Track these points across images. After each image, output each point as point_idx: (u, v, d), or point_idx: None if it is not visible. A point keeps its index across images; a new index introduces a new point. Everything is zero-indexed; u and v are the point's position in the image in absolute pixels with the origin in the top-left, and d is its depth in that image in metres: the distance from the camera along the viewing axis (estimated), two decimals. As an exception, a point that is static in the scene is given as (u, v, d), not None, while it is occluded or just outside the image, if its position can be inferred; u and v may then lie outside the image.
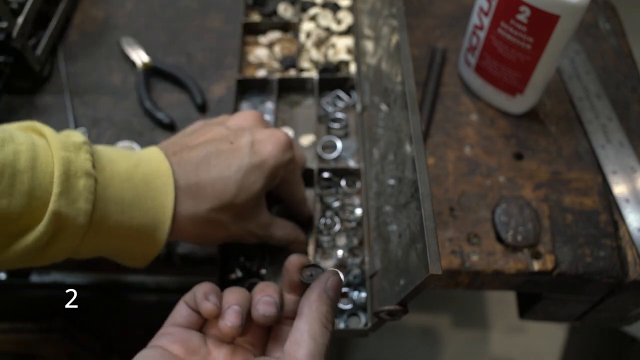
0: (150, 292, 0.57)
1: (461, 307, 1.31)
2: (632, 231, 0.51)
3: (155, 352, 0.33)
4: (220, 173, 0.40)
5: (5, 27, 0.55)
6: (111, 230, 0.37)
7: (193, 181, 0.40)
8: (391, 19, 0.46)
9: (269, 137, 0.43)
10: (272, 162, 0.42)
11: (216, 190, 0.40)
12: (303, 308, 0.34)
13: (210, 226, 0.41)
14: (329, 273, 0.36)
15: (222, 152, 0.41)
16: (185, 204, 0.40)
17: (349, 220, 0.51)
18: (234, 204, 0.41)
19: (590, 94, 0.60)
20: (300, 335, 0.32)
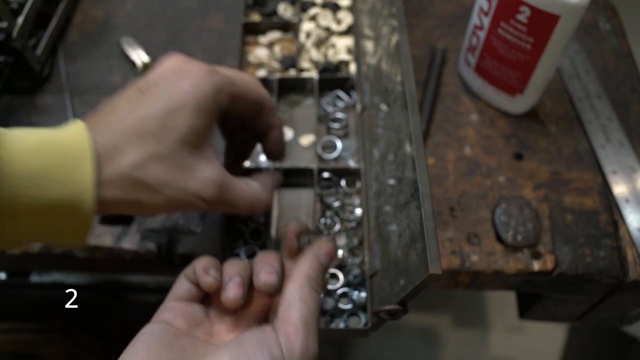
0: (150, 292, 0.57)
1: (461, 307, 1.31)
2: (632, 231, 0.51)
3: (158, 327, 0.33)
4: (134, 125, 0.35)
5: (5, 27, 0.55)
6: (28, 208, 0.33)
7: (108, 141, 0.35)
8: (391, 19, 0.46)
9: (182, 73, 0.37)
10: (192, 99, 0.36)
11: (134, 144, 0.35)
12: (294, 273, 0.34)
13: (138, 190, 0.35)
14: (323, 240, 0.36)
15: (134, 104, 0.36)
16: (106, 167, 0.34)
17: (349, 220, 0.51)
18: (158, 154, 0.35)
19: (590, 94, 0.60)
20: (291, 298, 0.33)
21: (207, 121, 0.36)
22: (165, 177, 0.35)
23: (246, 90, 0.39)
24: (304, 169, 0.53)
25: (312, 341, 0.32)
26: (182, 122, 0.35)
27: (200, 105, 0.36)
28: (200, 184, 0.36)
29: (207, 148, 0.37)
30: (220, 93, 0.37)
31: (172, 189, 0.35)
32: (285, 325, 0.32)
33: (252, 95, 0.40)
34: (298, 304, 0.32)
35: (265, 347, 0.30)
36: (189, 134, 0.35)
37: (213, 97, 0.36)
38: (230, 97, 0.38)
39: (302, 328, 0.32)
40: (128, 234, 0.51)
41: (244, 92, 0.39)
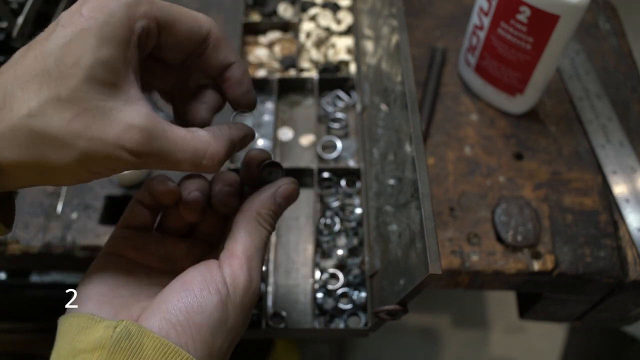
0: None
1: (461, 307, 1.31)
2: (632, 231, 0.51)
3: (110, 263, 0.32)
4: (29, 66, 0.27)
5: (5, 27, 0.55)
6: None
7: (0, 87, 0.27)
8: (391, 19, 0.46)
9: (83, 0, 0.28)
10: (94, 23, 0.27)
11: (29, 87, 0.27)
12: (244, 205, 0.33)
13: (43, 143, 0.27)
14: (286, 179, 0.34)
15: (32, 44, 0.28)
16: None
17: (349, 220, 0.51)
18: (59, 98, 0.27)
19: (590, 94, 0.60)
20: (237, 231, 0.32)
21: (119, 51, 0.28)
22: (74, 125, 0.27)
23: (175, 13, 0.31)
24: (304, 169, 0.53)
25: (255, 275, 0.31)
26: (85, 55, 0.27)
27: (107, 31, 0.28)
28: (121, 129, 0.28)
29: (127, 86, 0.29)
30: (133, 14, 0.29)
31: (84, 139, 0.27)
32: (230, 259, 0.31)
33: (184, 21, 0.31)
34: (243, 237, 0.32)
35: (212, 285, 0.29)
36: (97, 69, 0.27)
37: (124, 19, 0.28)
38: (150, 20, 0.29)
39: (245, 261, 0.31)
40: (128, 234, 0.50)
41: (172, 15, 0.31)
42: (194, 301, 0.29)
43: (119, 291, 0.31)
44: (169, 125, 0.30)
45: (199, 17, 0.33)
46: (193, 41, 0.32)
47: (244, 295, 0.30)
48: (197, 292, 0.29)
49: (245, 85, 0.35)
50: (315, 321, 0.46)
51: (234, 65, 0.34)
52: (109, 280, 0.31)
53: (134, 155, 0.28)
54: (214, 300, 0.29)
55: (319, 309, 0.47)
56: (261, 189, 0.34)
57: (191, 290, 0.29)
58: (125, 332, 0.27)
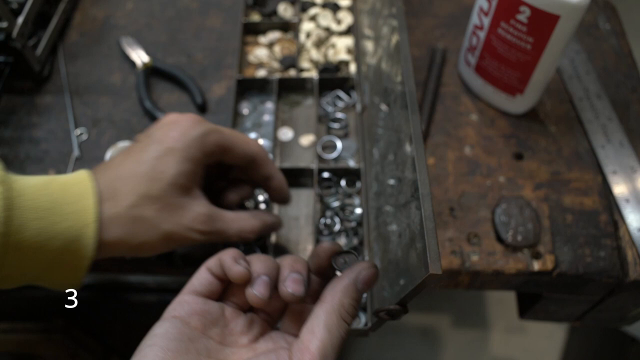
0: (150, 292, 0.57)
1: (461, 307, 1.31)
2: (632, 231, 0.51)
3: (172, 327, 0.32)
4: (131, 169, 0.40)
5: (5, 27, 0.55)
6: (32, 240, 0.35)
7: (108, 183, 0.39)
8: (391, 19, 0.46)
9: (171, 124, 0.42)
10: (180, 145, 0.40)
11: (130, 185, 0.39)
12: (326, 295, 0.32)
13: (136, 226, 0.39)
14: (364, 263, 0.33)
15: (130, 152, 0.41)
16: (105, 205, 0.38)
17: (349, 220, 0.51)
18: (151, 195, 0.39)
19: (590, 94, 0.60)
20: (317, 324, 0.31)
21: (193, 167, 0.41)
22: (160, 214, 0.39)
23: (235, 141, 0.43)
24: (304, 169, 0.53)
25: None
26: (172, 167, 0.40)
27: (187, 152, 0.40)
28: (192, 217, 0.41)
29: (195, 188, 0.42)
30: (206, 141, 0.41)
31: (167, 223, 0.40)
32: (302, 353, 0.30)
33: (240, 146, 0.43)
34: (322, 332, 0.31)
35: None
36: (178, 177, 0.40)
37: (199, 144, 0.41)
38: (217, 146, 0.42)
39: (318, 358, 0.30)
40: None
41: (233, 143, 0.43)
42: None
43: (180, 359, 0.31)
44: (221, 210, 0.43)
45: (251, 143, 0.44)
46: (244, 160, 0.44)
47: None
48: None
49: (283, 192, 0.47)
50: (315, 321, 0.46)
51: (273, 179, 0.46)
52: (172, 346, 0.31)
53: (201, 234, 0.41)
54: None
55: (319, 309, 0.47)
56: (340, 276, 0.33)
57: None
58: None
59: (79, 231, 0.36)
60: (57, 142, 0.57)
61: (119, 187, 0.39)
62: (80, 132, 0.58)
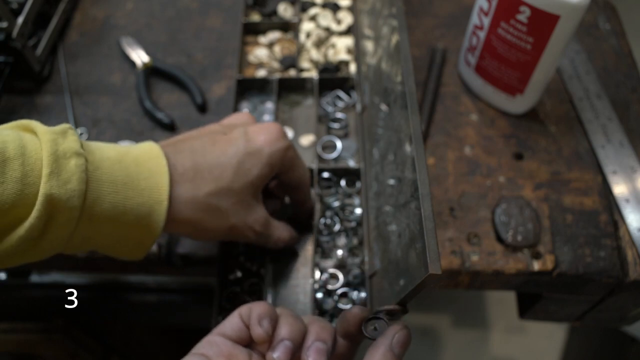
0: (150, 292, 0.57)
1: (461, 307, 1.31)
2: (632, 231, 0.51)
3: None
4: (217, 158, 0.41)
5: (5, 27, 0.55)
6: (105, 214, 0.35)
7: (189, 165, 0.40)
8: (391, 19, 0.46)
9: (261, 128, 0.43)
10: (268, 150, 0.42)
11: (214, 174, 0.40)
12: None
13: (209, 213, 0.40)
14: (396, 327, 0.33)
15: (217, 141, 0.42)
16: (183, 186, 0.39)
17: (349, 220, 0.51)
18: (232, 189, 0.41)
19: (590, 94, 0.60)
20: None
21: (270, 173, 0.43)
22: (232, 208, 0.41)
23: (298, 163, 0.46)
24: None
25: None
26: (256, 168, 0.41)
27: (271, 159, 0.42)
28: (255, 218, 0.43)
29: (260, 193, 0.44)
30: (285, 155, 0.43)
31: (234, 218, 0.41)
32: None
33: (300, 170, 0.46)
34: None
35: None
36: (258, 179, 0.42)
37: (281, 155, 0.43)
38: (289, 163, 0.44)
39: None
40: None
41: (297, 165, 0.45)
42: None
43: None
44: (272, 219, 0.45)
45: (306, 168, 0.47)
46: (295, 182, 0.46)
47: None
48: None
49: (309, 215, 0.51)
50: (315, 321, 0.46)
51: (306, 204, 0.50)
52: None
53: (255, 234, 0.44)
54: None
55: (319, 309, 0.47)
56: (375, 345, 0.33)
57: None
58: None
59: (151, 207, 0.37)
60: (57, 142, 0.57)
61: (202, 172, 0.40)
62: (80, 132, 0.58)
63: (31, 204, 0.32)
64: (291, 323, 0.35)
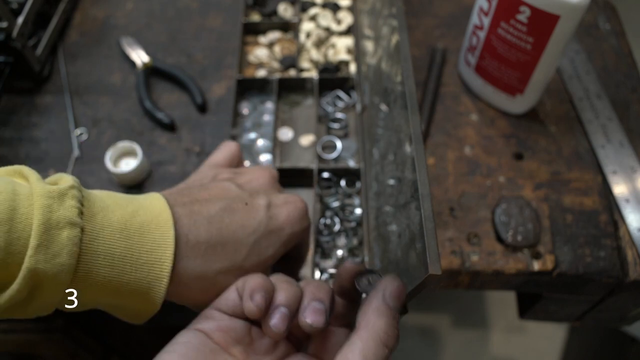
0: (150, 292, 0.57)
1: (461, 307, 1.31)
2: (632, 231, 0.51)
3: (195, 337, 0.32)
4: (234, 233, 0.37)
5: (5, 27, 0.55)
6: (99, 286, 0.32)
7: (203, 239, 0.36)
8: (391, 19, 0.46)
9: (286, 202, 0.40)
10: (289, 230, 0.39)
11: (228, 251, 0.36)
12: (360, 322, 0.30)
13: (214, 289, 0.36)
14: (388, 279, 0.32)
15: (237, 211, 0.38)
16: (193, 262, 0.35)
17: (349, 220, 0.51)
18: (243, 267, 0.37)
19: (590, 94, 0.60)
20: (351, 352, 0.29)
21: (284, 252, 0.40)
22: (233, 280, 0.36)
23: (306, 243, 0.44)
24: (304, 169, 0.53)
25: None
26: (272, 248, 0.38)
27: (288, 239, 0.39)
28: None
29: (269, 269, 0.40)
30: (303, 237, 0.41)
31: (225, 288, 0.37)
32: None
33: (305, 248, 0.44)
34: None
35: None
36: (270, 259, 0.38)
37: (298, 236, 0.40)
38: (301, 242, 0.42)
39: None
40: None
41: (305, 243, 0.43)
42: None
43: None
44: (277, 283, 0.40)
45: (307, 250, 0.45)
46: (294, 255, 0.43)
47: None
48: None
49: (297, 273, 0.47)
50: (315, 321, 0.46)
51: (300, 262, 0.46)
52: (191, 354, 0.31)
53: None
54: None
55: (319, 309, 0.47)
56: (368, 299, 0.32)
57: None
58: None
59: (149, 283, 0.33)
60: (57, 142, 0.57)
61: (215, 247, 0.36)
62: (80, 132, 0.58)
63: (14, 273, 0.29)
64: (286, 288, 0.33)
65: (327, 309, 0.32)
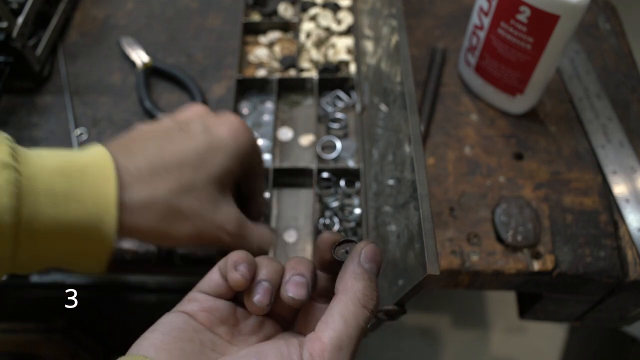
0: (150, 292, 0.57)
1: (461, 307, 1.31)
2: (632, 231, 0.50)
3: (179, 317, 0.32)
4: (174, 155, 0.37)
5: (5, 27, 0.55)
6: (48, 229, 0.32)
7: (144, 166, 0.36)
8: (391, 19, 0.46)
9: (223, 120, 0.40)
10: (234, 144, 0.39)
11: (172, 172, 0.36)
12: (338, 287, 0.31)
13: (170, 217, 0.36)
14: (361, 243, 0.32)
15: (174, 137, 0.38)
16: (138, 189, 0.35)
17: (348, 220, 0.51)
18: (194, 186, 0.37)
19: (590, 94, 0.60)
20: (330, 314, 0.29)
21: (236, 167, 0.39)
22: (197, 207, 0.37)
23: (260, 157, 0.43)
24: (304, 169, 0.53)
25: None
26: (220, 161, 0.38)
27: (236, 152, 0.39)
28: (225, 217, 0.39)
29: (229, 190, 0.40)
30: (250, 147, 0.40)
31: (201, 219, 0.37)
32: (313, 342, 0.29)
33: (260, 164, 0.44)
34: (335, 321, 0.29)
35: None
36: (222, 173, 0.38)
37: (247, 149, 0.40)
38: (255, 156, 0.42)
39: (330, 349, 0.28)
40: (128, 234, 0.50)
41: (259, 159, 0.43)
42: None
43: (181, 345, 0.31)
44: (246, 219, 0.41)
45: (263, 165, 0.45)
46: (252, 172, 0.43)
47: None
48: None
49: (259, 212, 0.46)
50: (314, 321, 0.46)
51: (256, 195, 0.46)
52: (174, 333, 0.31)
53: (229, 236, 0.39)
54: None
55: (319, 309, 0.47)
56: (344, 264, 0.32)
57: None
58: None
59: (99, 218, 0.33)
60: (57, 142, 0.57)
61: (159, 171, 0.36)
62: (80, 132, 0.58)
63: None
64: (267, 264, 0.33)
65: (308, 282, 0.32)
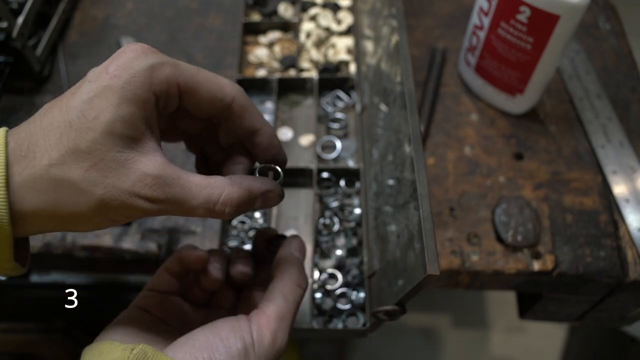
0: (150, 292, 0.57)
1: (461, 307, 1.31)
2: (632, 231, 0.50)
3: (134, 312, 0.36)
4: (53, 119, 0.29)
5: (5, 27, 0.55)
6: None
7: (23, 136, 0.29)
8: (391, 19, 0.46)
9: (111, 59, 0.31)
10: (119, 82, 0.29)
11: (50, 139, 0.29)
12: (274, 272, 0.37)
13: (60, 192, 0.29)
14: (290, 237, 0.40)
15: (60, 98, 0.30)
16: (17, 165, 0.29)
17: (348, 220, 0.51)
18: (78, 150, 0.29)
19: (590, 94, 0.60)
20: (271, 293, 0.35)
21: (137, 109, 0.30)
22: (91, 174, 0.29)
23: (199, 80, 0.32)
24: (304, 169, 0.53)
25: (281, 334, 0.33)
26: (106, 110, 0.29)
27: (128, 90, 0.29)
28: (136, 179, 0.29)
29: (144, 139, 0.30)
30: (155, 76, 0.30)
31: (101, 187, 0.29)
32: (259, 316, 0.33)
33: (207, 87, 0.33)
34: (277, 298, 0.35)
35: (238, 333, 0.32)
36: (115, 124, 0.29)
37: (144, 80, 0.30)
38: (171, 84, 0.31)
39: (274, 320, 0.33)
40: (128, 234, 0.51)
41: (196, 82, 0.32)
42: (219, 343, 0.31)
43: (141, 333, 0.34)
44: (184, 173, 0.31)
45: (224, 84, 0.34)
46: (216, 107, 0.34)
47: (267, 352, 0.32)
48: (224, 336, 0.32)
49: (274, 149, 0.37)
50: (313, 321, 0.46)
51: (260, 132, 0.35)
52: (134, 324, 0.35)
53: (149, 201, 0.30)
54: (238, 345, 0.31)
55: (318, 309, 0.47)
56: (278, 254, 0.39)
57: (218, 333, 0.32)
58: (142, 353, 0.29)
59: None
60: (57, 142, 0.57)
61: (37, 140, 0.29)
62: None
63: None
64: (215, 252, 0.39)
65: (250, 264, 0.39)
